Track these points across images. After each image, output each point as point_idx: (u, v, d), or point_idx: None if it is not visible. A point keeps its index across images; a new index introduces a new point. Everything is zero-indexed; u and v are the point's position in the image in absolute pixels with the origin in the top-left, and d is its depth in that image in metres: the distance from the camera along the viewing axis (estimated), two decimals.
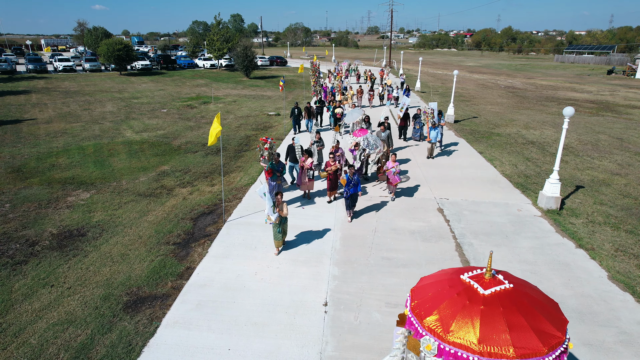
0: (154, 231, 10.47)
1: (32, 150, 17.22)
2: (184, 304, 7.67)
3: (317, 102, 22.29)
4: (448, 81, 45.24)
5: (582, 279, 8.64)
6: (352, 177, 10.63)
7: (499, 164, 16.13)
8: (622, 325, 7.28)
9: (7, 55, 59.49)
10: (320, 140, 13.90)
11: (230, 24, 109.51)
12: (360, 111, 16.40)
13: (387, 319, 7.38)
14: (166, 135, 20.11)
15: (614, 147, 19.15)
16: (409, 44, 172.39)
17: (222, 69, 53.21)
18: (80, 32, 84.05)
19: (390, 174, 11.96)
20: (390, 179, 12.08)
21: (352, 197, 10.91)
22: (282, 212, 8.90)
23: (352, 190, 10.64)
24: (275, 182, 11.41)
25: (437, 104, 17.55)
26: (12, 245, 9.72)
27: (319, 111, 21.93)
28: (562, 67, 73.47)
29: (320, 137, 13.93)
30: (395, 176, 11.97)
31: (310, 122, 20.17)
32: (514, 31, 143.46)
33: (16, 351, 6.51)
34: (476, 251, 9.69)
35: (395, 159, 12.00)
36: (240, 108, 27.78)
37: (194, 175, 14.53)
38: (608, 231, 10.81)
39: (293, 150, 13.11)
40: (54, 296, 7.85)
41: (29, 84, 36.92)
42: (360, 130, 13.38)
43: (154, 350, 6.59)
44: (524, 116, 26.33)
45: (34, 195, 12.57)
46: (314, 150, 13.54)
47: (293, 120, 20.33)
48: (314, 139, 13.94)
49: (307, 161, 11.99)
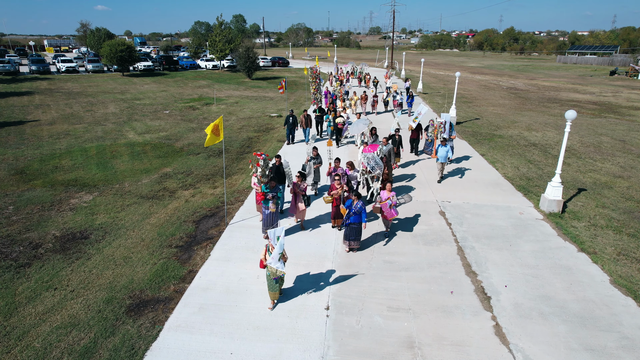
0: (157, 234, 10.51)
1: (35, 152, 17.30)
2: (187, 308, 7.70)
3: (316, 111, 20.50)
4: (450, 82, 45.21)
5: (584, 283, 8.64)
6: (355, 204, 9.18)
7: (501, 167, 16.12)
8: (624, 331, 7.28)
9: (10, 56, 59.75)
10: (318, 157, 12.62)
11: (232, 25, 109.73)
12: (366, 121, 14.64)
13: (389, 322, 7.39)
14: (168, 137, 20.17)
15: (617, 150, 19.11)
16: (411, 45, 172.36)
17: (224, 70, 53.28)
18: (83, 32, 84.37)
19: (386, 207, 9.98)
20: (385, 213, 10.10)
21: (350, 227, 9.41)
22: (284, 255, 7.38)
23: (352, 219, 9.25)
24: (269, 211, 9.76)
25: (449, 116, 16.25)
26: (15, 247, 9.77)
27: (318, 120, 20.22)
28: (565, 67, 73.30)
29: (317, 154, 12.69)
30: (391, 210, 9.95)
31: (308, 131, 18.85)
32: (517, 32, 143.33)
33: (20, 354, 6.55)
34: (478, 255, 9.70)
35: (391, 188, 10.21)
36: (243, 109, 27.83)
37: (196, 178, 14.57)
38: (610, 235, 10.79)
39: (278, 171, 11.20)
40: (57, 299, 7.89)
41: (32, 85, 37.06)
42: (371, 146, 12.20)
43: (157, 354, 6.62)
44: (526, 118, 26.30)
45: (37, 198, 12.63)
46: (310, 168, 12.17)
47: (287, 130, 18.66)
48: (311, 154, 12.52)
49: (301, 184, 10.40)
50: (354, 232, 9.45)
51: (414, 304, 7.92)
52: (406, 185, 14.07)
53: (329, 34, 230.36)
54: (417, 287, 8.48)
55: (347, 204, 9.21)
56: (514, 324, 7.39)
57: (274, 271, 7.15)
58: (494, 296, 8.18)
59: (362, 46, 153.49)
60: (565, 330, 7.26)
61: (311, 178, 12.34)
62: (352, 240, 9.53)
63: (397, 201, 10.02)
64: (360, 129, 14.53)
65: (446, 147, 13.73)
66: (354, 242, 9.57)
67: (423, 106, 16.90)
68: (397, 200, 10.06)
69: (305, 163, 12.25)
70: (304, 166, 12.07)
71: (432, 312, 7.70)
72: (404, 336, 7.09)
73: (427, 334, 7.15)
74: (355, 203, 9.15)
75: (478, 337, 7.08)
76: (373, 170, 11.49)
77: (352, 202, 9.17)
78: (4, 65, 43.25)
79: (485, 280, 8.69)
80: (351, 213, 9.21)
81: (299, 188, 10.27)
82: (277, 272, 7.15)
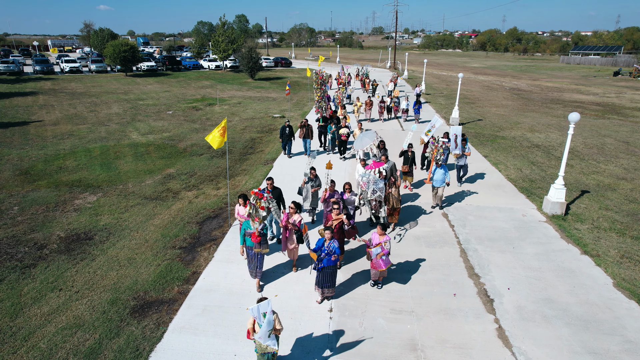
0: (160, 235, 10.56)
1: (40, 153, 17.40)
2: (191, 309, 7.75)
3: (320, 120, 18.21)
4: (452, 83, 45.16)
5: (587, 286, 8.64)
6: (328, 245, 7.50)
7: (504, 168, 16.11)
8: (627, 334, 7.28)
9: (15, 56, 60.03)
10: (317, 179, 11.03)
11: (235, 25, 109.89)
12: (373, 135, 12.64)
13: (392, 325, 7.42)
14: (172, 138, 20.24)
15: (620, 151, 19.06)
16: (414, 45, 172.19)
17: (227, 70, 53.39)
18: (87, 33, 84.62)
19: (373, 255, 7.96)
20: (374, 263, 8.07)
21: (324, 272, 7.70)
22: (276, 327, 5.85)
23: (325, 261, 7.54)
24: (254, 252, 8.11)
25: (460, 129, 13.76)
26: (20, 248, 9.84)
27: (322, 131, 18.01)
28: (568, 68, 73.09)
29: (316, 174, 11.03)
30: (379, 260, 7.92)
31: (308, 142, 16.89)
32: (519, 32, 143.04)
33: (26, 355, 6.61)
34: (481, 257, 9.71)
35: (382, 231, 7.97)
36: (245, 110, 27.89)
37: (199, 179, 14.63)
38: (614, 237, 10.78)
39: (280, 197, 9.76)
40: (62, 300, 7.95)
41: (36, 85, 37.24)
42: (375, 163, 10.54)
43: (161, 355, 6.67)
44: (529, 119, 26.25)
45: (42, 198, 12.71)
46: (307, 192, 10.78)
47: (283, 143, 16.90)
48: (309, 175, 10.90)
49: (294, 217, 8.49)
50: (329, 278, 7.84)
51: (417, 307, 7.94)
52: (413, 206, 12.52)
53: (331, 34, 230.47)
54: (419, 289, 8.50)
55: (318, 245, 7.62)
56: (516, 327, 7.41)
57: (263, 347, 5.84)
58: (497, 299, 8.19)
59: (364, 46, 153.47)
60: (568, 334, 7.27)
61: (308, 203, 10.92)
62: (327, 288, 7.92)
63: (389, 249, 8.03)
64: (366, 144, 12.59)
65: (443, 169, 11.84)
66: (328, 290, 7.95)
67: (437, 118, 14.52)
68: (389, 249, 8.04)
69: (302, 186, 10.83)
70: (300, 189, 10.85)
71: (435, 315, 7.72)
72: (407, 339, 7.12)
73: (430, 337, 7.17)
74: (327, 243, 7.53)
75: (481, 340, 7.10)
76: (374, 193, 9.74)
77: (323, 242, 7.57)
78: (8, 65, 43.45)
79: (488, 283, 8.70)
80: (323, 255, 7.54)
81: (290, 221, 8.46)
82: (267, 348, 5.85)
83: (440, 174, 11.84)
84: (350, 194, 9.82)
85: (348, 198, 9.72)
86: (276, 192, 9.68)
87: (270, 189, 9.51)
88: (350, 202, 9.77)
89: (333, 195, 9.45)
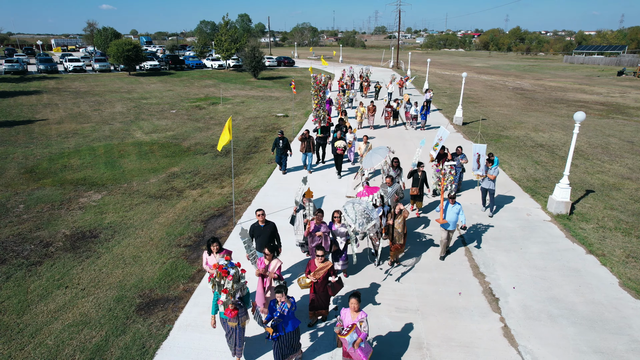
0: (165, 233, 10.59)
1: (45, 151, 17.47)
2: (196, 307, 7.77)
3: (318, 131, 16.40)
4: (456, 82, 45.08)
5: (593, 286, 8.61)
6: (280, 306, 5.80)
7: (508, 168, 16.07)
8: (633, 334, 7.25)
9: (19, 55, 60.30)
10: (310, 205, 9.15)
11: (238, 24, 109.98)
12: (385, 151, 10.98)
13: (397, 323, 7.42)
14: (175, 137, 20.29)
15: (625, 151, 18.99)
16: (417, 44, 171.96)
17: (230, 69, 53.44)
18: (90, 32, 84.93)
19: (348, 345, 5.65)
20: (349, 352, 5.80)
21: (281, 340, 5.95)
22: None
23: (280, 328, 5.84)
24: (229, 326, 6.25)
25: (484, 147, 11.82)
26: (26, 246, 9.89)
27: (320, 142, 16.13)
28: (572, 68, 72.82)
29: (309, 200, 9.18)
30: (357, 351, 5.65)
31: (310, 156, 14.99)
32: (523, 31, 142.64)
33: (33, 352, 6.64)
34: (485, 256, 9.69)
35: (357, 305, 5.73)
36: (249, 109, 27.92)
37: (203, 177, 14.65)
38: (619, 237, 10.74)
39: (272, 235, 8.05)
40: (68, 297, 7.99)
41: (40, 84, 37.37)
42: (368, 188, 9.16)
43: (167, 352, 6.69)
44: (533, 118, 26.18)
45: (47, 196, 12.76)
46: (299, 222, 9.18)
47: (277, 156, 14.78)
48: (300, 202, 9.17)
49: (272, 263, 6.77)
50: (288, 345, 6.04)
51: (422, 305, 7.94)
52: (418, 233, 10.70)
53: (334, 33, 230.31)
54: (425, 288, 8.49)
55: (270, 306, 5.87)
56: (522, 326, 7.39)
57: None
58: (502, 298, 8.17)
59: (367, 46, 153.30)
60: (574, 333, 7.25)
61: (301, 235, 9.24)
62: (291, 354, 6.16)
63: (366, 332, 5.70)
64: (376, 162, 10.93)
65: (457, 206, 9.15)
66: (293, 356, 6.21)
67: (444, 129, 12.48)
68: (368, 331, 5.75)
69: (294, 214, 9.35)
70: (293, 218, 9.37)
71: (441, 314, 7.71)
72: (413, 337, 7.11)
73: (436, 335, 7.16)
74: (280, 303, 5.81)
75: (486, 339, 7.09)
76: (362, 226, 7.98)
77: (275, 302, 5.87)
78: (13, 64, 43.63)
79: (494, 282, 8.69)
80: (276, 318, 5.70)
81: (267, 270, 6.74)
82: None
83: (452, 213, 9.13)
84: (340, 225, 8.31)
85: (337, 229, 8.31)
86: (269, 227, 8.03)
87: (262, 223, 7.98)
88: (340, 234, 8.33)
89: (319, 228, 7.99)
